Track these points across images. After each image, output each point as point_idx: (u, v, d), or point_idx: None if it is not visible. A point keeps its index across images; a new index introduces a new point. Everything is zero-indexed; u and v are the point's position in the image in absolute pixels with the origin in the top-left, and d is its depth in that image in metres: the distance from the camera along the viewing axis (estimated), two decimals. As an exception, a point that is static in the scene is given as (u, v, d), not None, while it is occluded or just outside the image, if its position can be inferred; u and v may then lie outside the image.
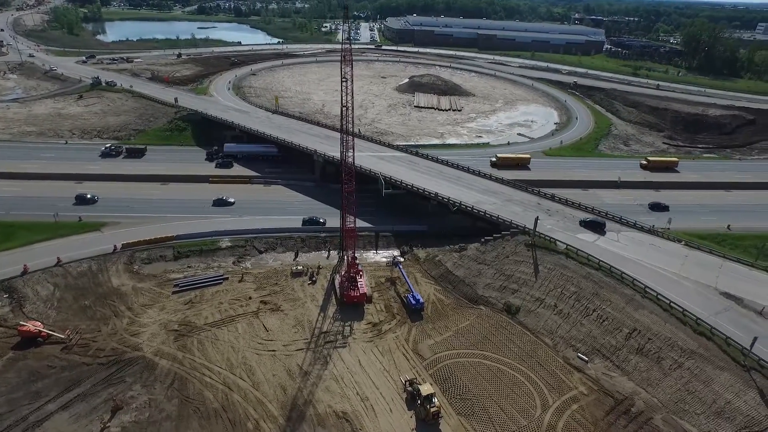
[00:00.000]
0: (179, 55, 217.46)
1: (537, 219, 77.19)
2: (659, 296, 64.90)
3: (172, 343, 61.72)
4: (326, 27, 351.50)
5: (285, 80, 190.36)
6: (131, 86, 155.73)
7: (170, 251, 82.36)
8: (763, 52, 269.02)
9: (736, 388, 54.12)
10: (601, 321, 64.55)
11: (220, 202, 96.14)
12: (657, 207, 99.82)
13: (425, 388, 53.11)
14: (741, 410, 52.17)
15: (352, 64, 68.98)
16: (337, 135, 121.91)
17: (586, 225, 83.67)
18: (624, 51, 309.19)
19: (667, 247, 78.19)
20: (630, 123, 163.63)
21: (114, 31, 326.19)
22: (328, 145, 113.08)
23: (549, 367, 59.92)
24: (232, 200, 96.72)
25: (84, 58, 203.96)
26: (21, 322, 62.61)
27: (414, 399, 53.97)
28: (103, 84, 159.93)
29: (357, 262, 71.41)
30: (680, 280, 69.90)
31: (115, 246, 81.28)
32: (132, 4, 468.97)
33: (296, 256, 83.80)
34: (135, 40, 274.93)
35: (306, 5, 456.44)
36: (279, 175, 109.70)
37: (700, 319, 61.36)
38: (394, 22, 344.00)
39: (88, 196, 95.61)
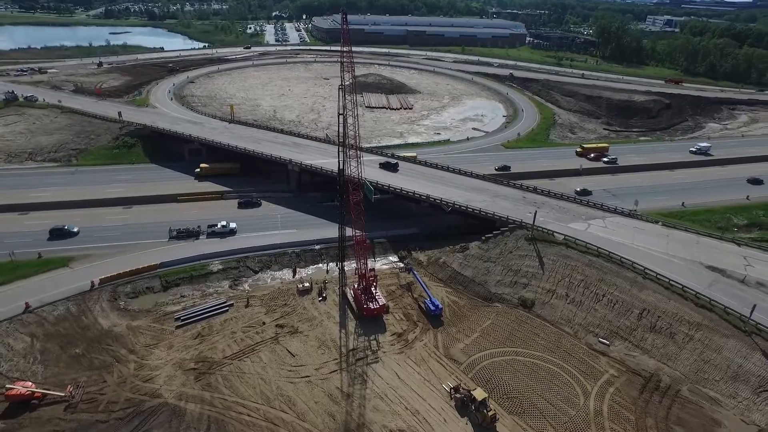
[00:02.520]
0: (100, 64, 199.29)
1: (536, 213, 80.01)
2: (658, 276, 69.90)
3: (194, 383, 56.72)
4: (251, 29, 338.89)
5: (227, 87, 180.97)
6: (59, 101, 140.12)
7: (157, 281, 75.59)
8: (663, 42, 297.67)
9: (743, 353, 59.76)
10: (612, 305, 68.37)
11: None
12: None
13: (478, 393, 53.27)
14: (753, 372, 57.74)
15: (353, 71, 66.53)
16: (306, 142, 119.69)
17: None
18: (544, 43, 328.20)
19: (648, 229, 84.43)
20: (570, 112, 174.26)
21: (6, 38, 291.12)
22: (300, 154, 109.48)
23: (577, 354, 62.53)
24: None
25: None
26: (7, 386, 54.47)
27: (465, 405, 54.01)
28: (21, 99, 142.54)
29: (374, 273, 69.72)
30: (670, 258, 75.80)
31: (92, 282, 73.14)
32: (23, 6, 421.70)
33: (295, 273, 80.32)
34: (39, 47, 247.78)
35: (224, 6, 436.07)
36: (253, 188, 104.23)
37: (699, 293, 66.91)
38: (321, 22, 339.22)
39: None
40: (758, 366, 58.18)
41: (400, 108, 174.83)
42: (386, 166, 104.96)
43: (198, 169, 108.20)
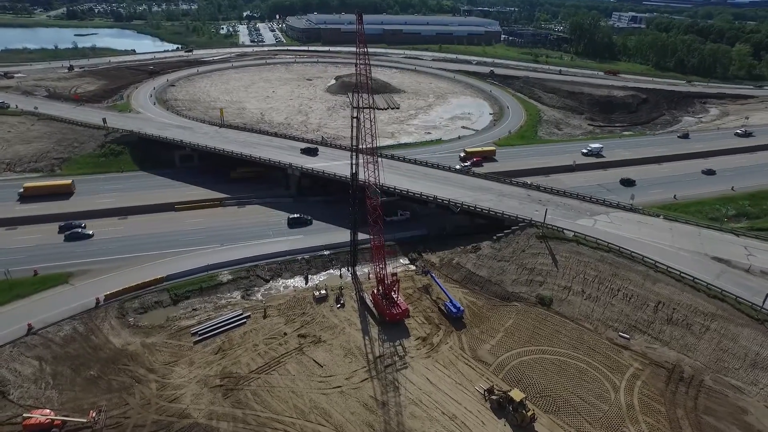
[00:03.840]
0: (71, 68, 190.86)
1: (546, 211, 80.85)
2: (669, 269, 71.77)
3: (223, 401, 54.84)
4: (223, 29, 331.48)
5: (209, 90, 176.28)
6: (36, 107, 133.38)
7: (165, 295, 72.95)
8: (633, 38, 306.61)
9: (759, 340, 61.97)
10: (628, 299, 69.80)
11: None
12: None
13: (515, 394, 53.43)
14: (769, 358, 59.92)
15: (369, 73, 65.38)
16: (302, 146, 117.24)
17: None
18: (518, 40, 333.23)
19: (652, 223, 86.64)
20: (554, 108, 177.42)
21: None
22: (297, 157, 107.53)
23: (600, 350, 63.54)
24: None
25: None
26: (24, 415, 51.48)
27: (502, 406, 54.09)
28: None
29: (396, 277, 68.99)
30: (677, 251, 77.94)
31: (97, 299, 69.98)
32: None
33: (307, 280, 78.83)
34: (0, 50, 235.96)
35: (193, 7, 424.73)
36: (252, 194, 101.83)
37: (710, 284, 69.03)
38: (296, 22, 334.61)
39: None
40: (774, 352, 60.43)
41: (387, 108, 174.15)
42: (307, 152, 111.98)
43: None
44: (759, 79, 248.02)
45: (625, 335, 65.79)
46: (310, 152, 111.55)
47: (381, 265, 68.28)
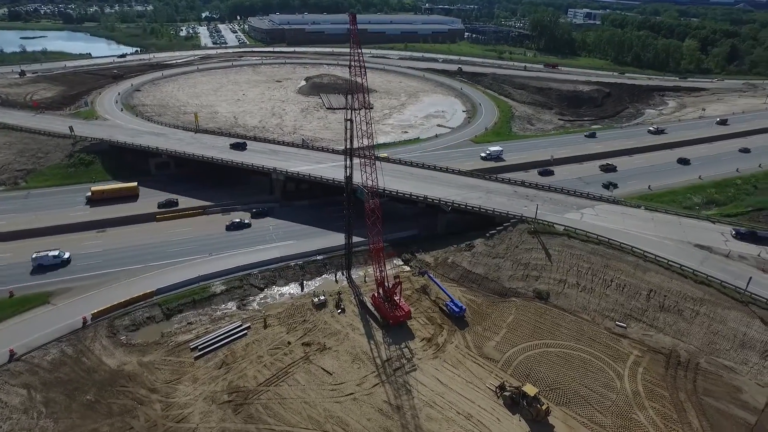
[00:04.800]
0: (22, 73, 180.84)
1: (537, 207, 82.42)
2: (657, 258, 74.60)
3: (234, 417, 53.11)
4: (183, 31, 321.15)
5: (177, 94, 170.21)
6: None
7: (157, 310, 70.05)
8: (591, 33, 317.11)
9: (745, 321, 65.31)
10: (621, 289, 72.09)
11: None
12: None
13: (529, 389, 54.24)
14: (757, 338, 63.27)
15: (365, 75, 64.66)
16: (283, 149, 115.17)
17: None
18: (481, 37, 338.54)
19: (635, 214, 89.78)
20: (525, 104, 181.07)
21: None
22: (280, 161, 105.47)
23: (600, 340, 65.36)
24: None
25: None
26: (21, 447, 48.29)
27: (516, 402, 54.78)
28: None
29: (399, 279, 68.61)
30: (661, 240, 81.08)
31: (84, 318, 66.55)
32: None
33: (302, 286, 77.42)
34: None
35: (148, 8, 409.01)
36: (236, 201, 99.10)
37: (696, 270, 72.17)
38: (258, 22, 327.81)
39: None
40: (760, 332, 63.82)
41: (361, 108, 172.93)
42: (236, 146, 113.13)
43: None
44: (707, 72, 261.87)
45: (621, 324, 67.93)
46: (239, 147, 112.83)
47: (381, 268, 67.85)
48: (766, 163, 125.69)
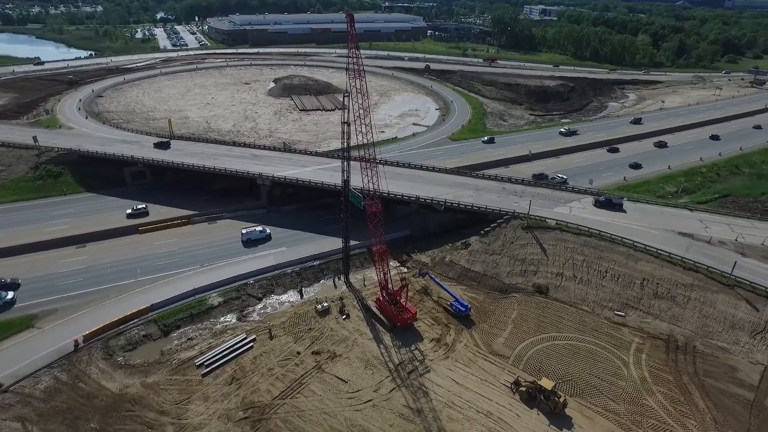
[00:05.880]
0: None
1: (530, 202, 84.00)
2: (647, 247, 77.58)
3: (253, 433, 51.50)
4: (139, 33, 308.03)
5: (143, 99, 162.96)
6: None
7: (153, 327, 67.04)
8: (551, 29, 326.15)
9: (733, 303, 68.94)
10: (616, 279, 74.56)
11: None
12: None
13: (545, 383, 55.22)
14: (745, 319, 66.92)
15: (363, 74, 63.95)
16: (266, 153, 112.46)
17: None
18: (443, 34, 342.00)
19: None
20: (495, 100, 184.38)
21: None
22: (264, 166, 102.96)
23: (602, 329, 67.38)
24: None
25: None
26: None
27: (533, 396, 55.69)
28: None
29: (407, 281, 68.26)
30: (647, 229, 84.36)
31: (75, 341, 62.79)
32: None
33: (302, 294, 75.94)
34: None
35: (97, 9, 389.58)
36: (221, 209, 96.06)
37: (683, 257, 75.52)
38: (218, 23, 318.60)
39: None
40: (747, 313, 67.55)
41: (335, 109, 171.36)
42: (159, 145, 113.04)
43: None
44: (659, 65, 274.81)
45: (620, 313, 70.28)
46: (163, 146, 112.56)
47: (385, 270, 67.42)
48: (726, 151, 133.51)
